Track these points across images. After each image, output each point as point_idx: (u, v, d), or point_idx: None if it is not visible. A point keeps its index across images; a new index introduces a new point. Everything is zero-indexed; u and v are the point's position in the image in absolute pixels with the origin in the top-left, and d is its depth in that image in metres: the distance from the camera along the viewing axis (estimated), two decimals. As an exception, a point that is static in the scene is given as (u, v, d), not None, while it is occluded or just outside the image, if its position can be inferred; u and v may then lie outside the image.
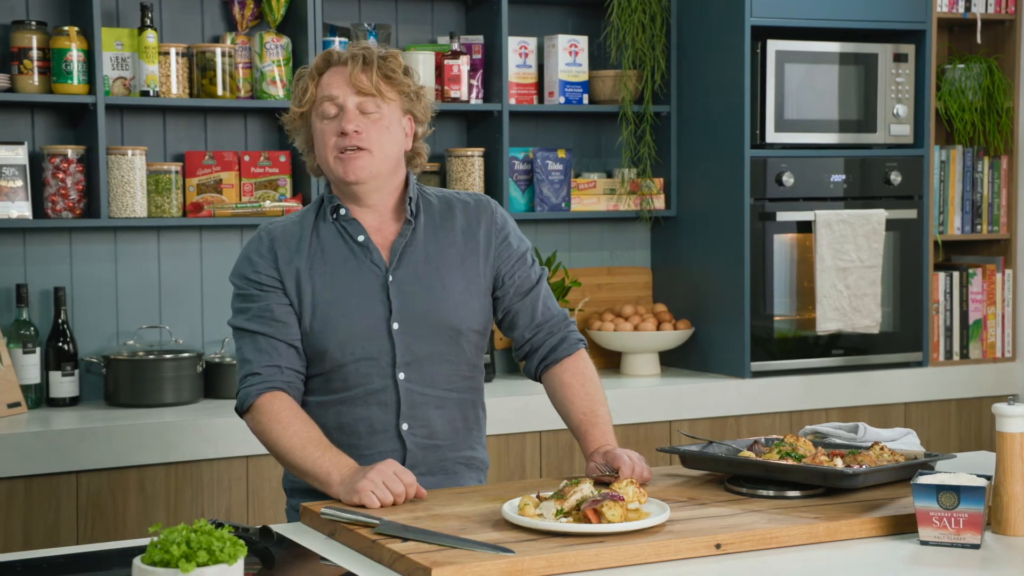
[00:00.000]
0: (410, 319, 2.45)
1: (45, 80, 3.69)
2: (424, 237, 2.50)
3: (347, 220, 2.49)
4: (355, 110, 2.44)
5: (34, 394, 3.69)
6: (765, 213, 4.19)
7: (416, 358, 2.46)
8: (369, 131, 2.44)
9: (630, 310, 4.35)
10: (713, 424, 4.08)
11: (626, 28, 4.27)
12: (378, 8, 4.20)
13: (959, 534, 2.05)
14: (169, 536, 1.64)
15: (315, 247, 2.48)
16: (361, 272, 2.46)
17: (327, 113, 2.45)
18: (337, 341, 2.44)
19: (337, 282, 2.46)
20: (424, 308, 2.46)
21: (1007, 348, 4.61)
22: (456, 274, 2.50)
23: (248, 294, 2.48)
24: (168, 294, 3.95)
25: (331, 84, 2.45)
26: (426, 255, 2.49)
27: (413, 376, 2.46)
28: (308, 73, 2.48)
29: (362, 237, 2.48)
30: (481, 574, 1.89)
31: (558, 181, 4.25)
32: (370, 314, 2.45)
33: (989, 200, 4.61)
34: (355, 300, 2.45)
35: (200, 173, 3.90)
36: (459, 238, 2.52)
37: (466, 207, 2.56)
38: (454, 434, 2.51)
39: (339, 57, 2.46)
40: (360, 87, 2.43)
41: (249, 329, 2.46)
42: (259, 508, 3.52)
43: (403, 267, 2.48)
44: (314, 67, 2.48)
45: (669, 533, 2.05)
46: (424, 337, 2.46)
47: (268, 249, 2.49)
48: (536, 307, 2.57)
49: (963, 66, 4.53)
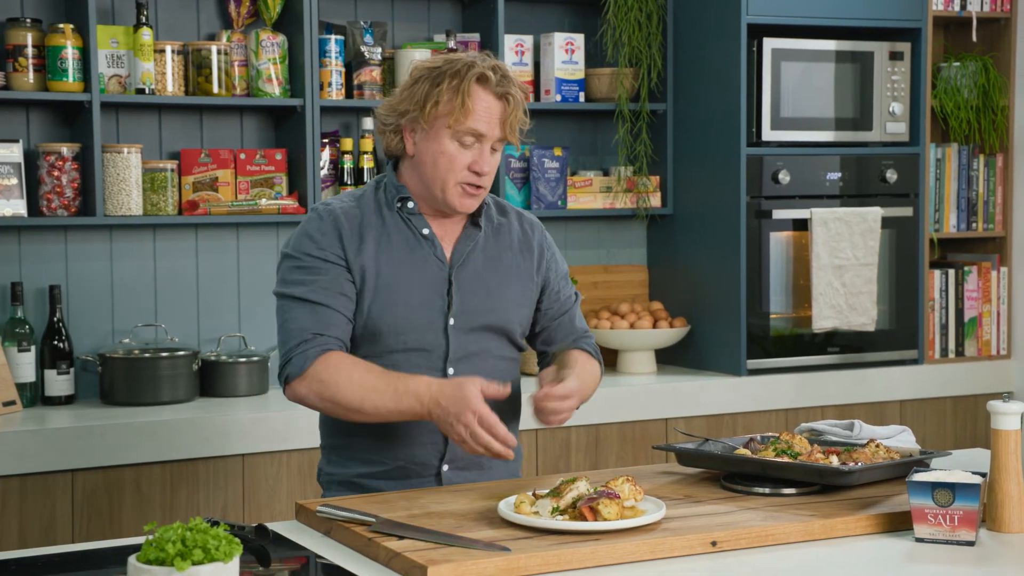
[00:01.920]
0: (466, 317, 2.48)
1: (40, 78, 3.68)
2: (484, 240, 2.55)
3: (412, 213, 2.50)
4: (490, 149, 2.45)
5: (29, 392, 3.68)
6: (761, 211, 4.19)
7: (467, 354, 2.49)
8: (493, 170, 2.47)
9: (626, 308, 4.35)
10: (709, 422, 4.09)
11: (622, 26, 4.27)
12: (374, 6, 4.20)
13: (954, 531, 2.05)
14: (165, 534, 1.64)
15: (380, 230, 2.48)
16: (426, 263, 2.48)
17: (465, 141, 2.43)
18: (393, 326, 2.45)
19: (402, 268, 2.47)
20: (481, 308, 2.50)
21: (1002, 346, 4.61)
22: (512, 278, 2.55)
23: (310, 266, 2.43)
24: (164, 292, 3.95)
25: (483, 117, 2.41)
26: (485, 257, 2.53)
27: (462, 371, 2.48)
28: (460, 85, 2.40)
29: (427, 230, 2.50)
30: (477, 572, 1.89)
31: (554, 179, 4.25)
32: (430, 307, 2.47)
33: (985, 198, 4.61)
34: (417, 290, 2.46)
35: (196, 171, 3.90)
36: (516, 244, 2.58)
37: (520, 216, 2.63)
38: None
39: (495, 85, 2.42)
40: (505, 134, 2.44)
41: (311, 300, 2.41)
42: (255, 506, 3.52)
43: (466, 266, 2.51)
44: (468, 82, 2.40)
45: (665, 531, 2.05)
46: (477, 335, 2.50)
47: (332, 227, 2.46)
48: (573, 323, 2.66)
49: (959, 64, 4.53)
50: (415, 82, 2.45)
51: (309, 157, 3.89)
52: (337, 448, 2.55)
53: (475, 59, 2.44)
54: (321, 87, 3.93)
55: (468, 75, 2.40)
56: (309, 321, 2.41)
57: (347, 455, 2.53)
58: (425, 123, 2.42)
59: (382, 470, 2.49)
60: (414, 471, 2.48)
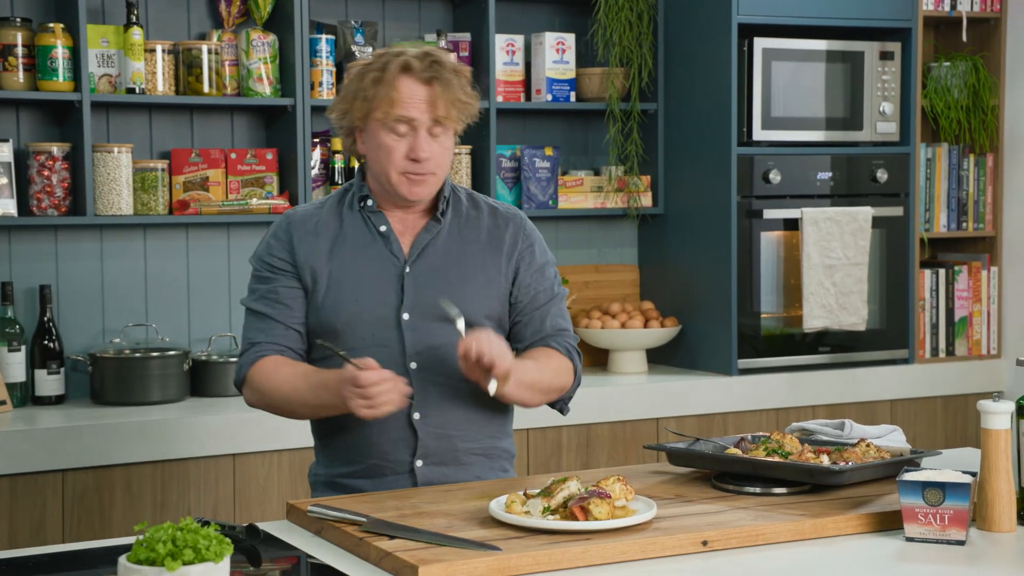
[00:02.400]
0: (421, 310, 2.47)
1: (30, 77, 3.67)
2: (448, 234, 2.53)
3: (372, 211, 2.52)
4: (426, 134, 2.43)
5: (19, 392, 3.67)
6: (752, 210, 4.19)
7: (428, 347, 2.47)
8: (435, 154, 2.44)
9: (617, 307, 4.35)
10: (700, 421, 4.09)
11: (613, 26, 4.27)
12: (365, 5, 4.19)
13: (944, 530, 2.05)
14: (155, 534, 1.64)
15: (336, 231, 2.51)
16: (379, 260, 2.49)
17: (398, 130, 2.42)
18: (348, 323, 2.46)
19: (354, 266, 2.48)
20: (437, 299, 2.46)
21: (992, 345, 4.62)
22: (476, 270, 2.51)
23: (261, 275, 2.53)
24: (154, 292, 3.94)
25: (409, 103, 2.40)
26: (447, 250, 2.52)
27: (426, 365, 2.47)
28: (381, 77, 2.41)
29: (384, 227, 2.51)
30: (468, 572, 1.89)
31: (545, 179, 4.25)
32: (382, 302, 2.47)
33: (975, 198, 4.62)
34: (368, 286, 2.47)
35: (186, 171, 3.89)
36: (483, 236, 2.54)
37: (495, 211, 2.59)
38: (469, 425, 2.51)
39: (418, 70, 2.41)
40: (438, 115, 2.41)
41: (255, 309, 2.51)
42: (246, 506, 3.52)
43: (422, 260, 2.50)
44: (391, 75, 2.41)
45: (656, 530, 2.05)
46: (436, 329, 2.47)
47: (284, 231, 2.52)
48: (545, 320, 2.56)
49: (949, 64, 4.54)
50: (349, 81, 2.48)
51: (300, 157, 3.88)
52: (321, 449, 2.58)
53: (403, 50, 2.45)
54: (312, 87, 3.93)
55: (390, 66, 2.41)
56: (251, 331, 2.52)
57: (330, 455, 2.55)
58: (360, 120, 2.45)
59: (359, 469, 2.50)
60: (388, 468, 2.48)
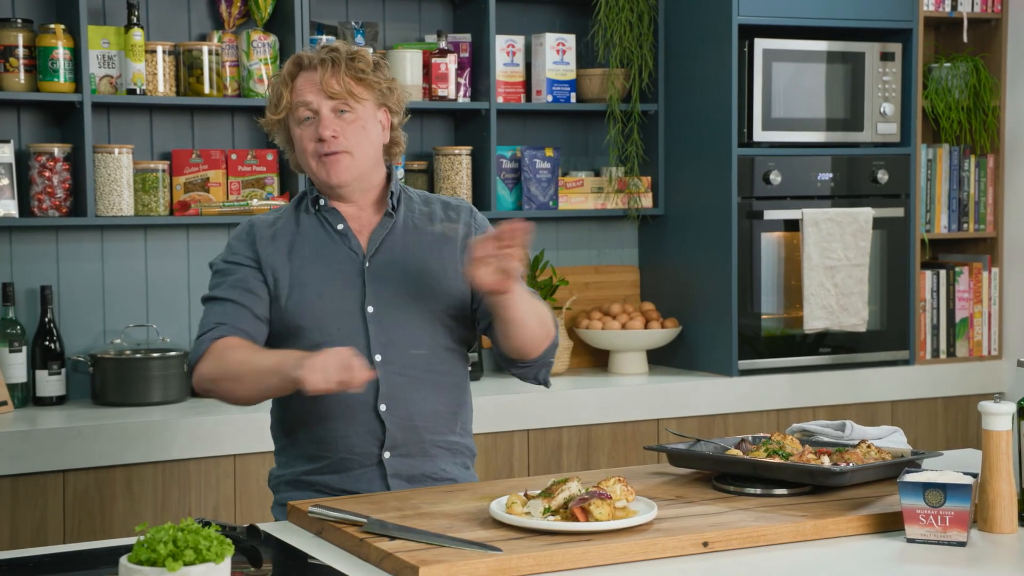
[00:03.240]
0: (384, 302, 2.50)
1: (31, 78, 3.68)
2: (403, 228, 2.57)
3: (328, 210, 2.56)
4: (330, 114, 2.49)
5: (20, 393, 3.68)
6: (752, 211, 4.19)
7: (392, 340, 2.49)
8: (346, 133, 2.50)
9: (618, 308, 4.35)
10: (701, 422, 4.09)
11: (613, 26, 4.27)
12: (365, 6, 4.19)
13: (945, 532, 2.05)
14: (156, 535, 1.64)
15: (295, 233, 2.55)
16: (338, 257, 2.53)
17: (302, 118, 2.50)
18: (313, 319, 2.49)
19: (314, 265, 2.52)
20: (398, 291, 2.51)
21: (993, 346, 4.62)
22: (433, 260, 2.55)
23: (223, 270, 2.55)
24: (155, 293, 3.94)
25: (304, 90, 2.49)
26: (404, 243, 2.55)
27: (391, 357, 2.49)
28: (280, 79, 2.52)
29: (341, 225, 2.55)
30: (469, 572, 1.89)
31: (546, 179, 4.25)
32: (345, 297, 2.50)
33: (976, 198, 4.62)
34: (331, 283, 2.51)
35: (187, 172, 3.90)
36: (438, 229, 2.59)
37: (446, 204, 2.64)
38: (435, 417, 2.53)
39: (309, 61, 2.51)
40: (332, 92, 2.48)
41: (219, 296, 2.51)
42: (246, 507, 3.52)
43: (380, 254, 2.54)
44: (286, 72, 2.52)
45: (656, 531, 2.05)
46: (400, 320, 2.50)
47: (247, 234, 2.57)
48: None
49: (950, 65, 4.54)
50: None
51: (301, 157, 3.88)
52: (283, 449, 2.59)
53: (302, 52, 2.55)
54: (313, 87, 3.92)
55: (285, 66, 2.53)
56: (212, 315, 2.51)
57: (292, 454, 2.56)
58: (277, 125, 2.55)
59: (325, 464, 2.51)
60: (356, 461, 2.49)
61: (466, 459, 2.61)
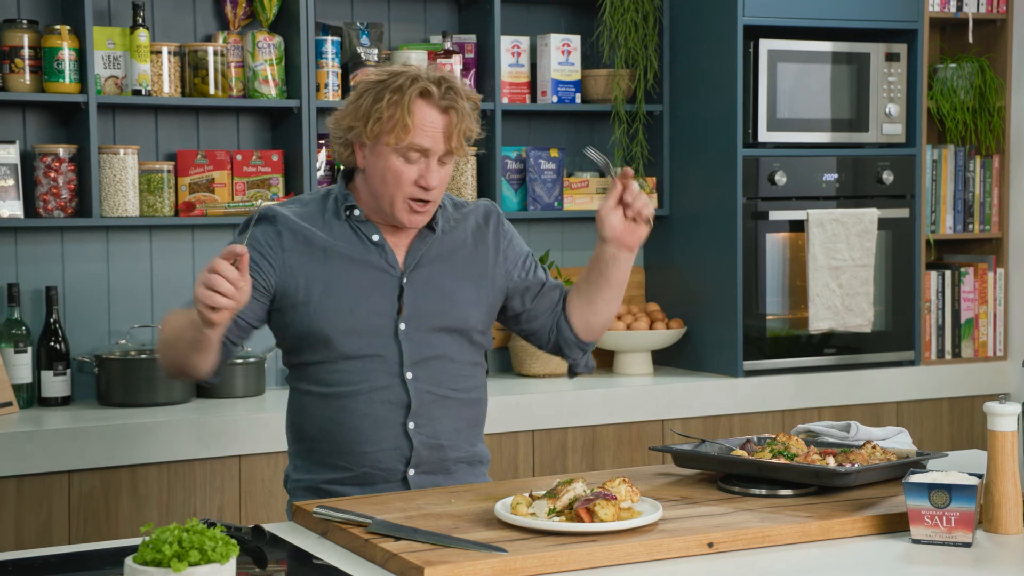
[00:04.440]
0: (418, 320, 2.46)
1: (37, 79, 3.68)
2: (438, 242, 2.52)
3: (361, 221, 2.49)
4: (436, 163, 2.41)
5: (26, 394, 3.68)
6: (758, 212, 4.19)
7: (424, 358, 2.47)
8: (441, 183, 2.43)
9: (623, 309, 4.35)
10: (706, 423, 4.09)
11: (619, 27, 4.27)
12: (371, 7, 4.19)
13: (951, 532, 2.05)
14: (161, 535, 1.64)
15: (327, 240, 2.47)
16: (374, 270, 2.47)
17: (409, 157, 2.39)
18: (343, 332, 2.43)
19: (349, 275, 2.45)
20: (434, 310, 2.47)
21: (999, 347, 4.62)
22: (466, 275, 2.52)
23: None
24: (160, 293, 3.95)
25: (424, 132, 2.37)
26: (439, 258, 2.51)
27: (421, 375, 2.47)
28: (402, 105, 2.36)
29: (377, 237, 2.48)
30: (474, 573, 1.89)
31: (551, 180, 4.25)
32: (379, 312, 2.45)
33: (981, 199, 4.61)
34: (365, 297, 2.45)
35: (192, 172, 3.90)
36: (470, 239, 2.55)
37: (475, 210, 2.60)
38: (456, 434, 2.52)
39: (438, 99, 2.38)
40: (451, 147, 2.40)
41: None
42: (251, 508, 3.52)
43: (418, 270, 2.48)
44: (409, 100, 2.36)
45: (661, 532, 2.05)
46: (432, 338, 2.47)
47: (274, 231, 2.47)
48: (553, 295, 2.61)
49: (955, 65, 4.54)
50: (359, 96, 2.41)
51: (305, 158, 3.89)
52: (302, 453, 2.54)
53: (419, 72, 2.39)
54: (317, 88, 3.93)
55: (409, 90, 2.36)
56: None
57: (312, 460, 2.51)
58: (369, 139, 2.40)
59: (348, 476, 2.48)
60: (380, 476, 2.47)
61: (482, 467, 2.59)
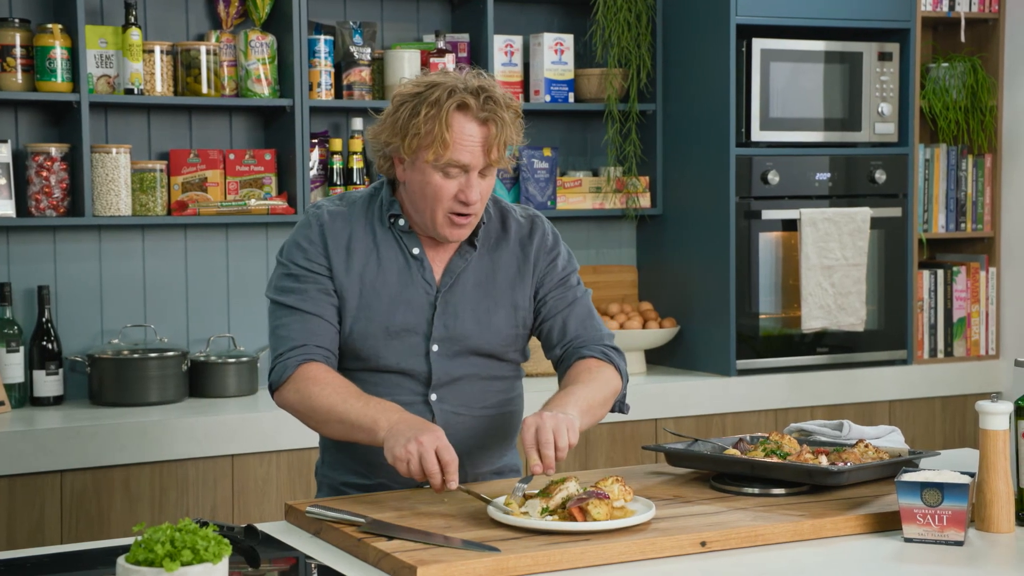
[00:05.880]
0: (449, 342, 2.42)
1: (29, 78, 3.67)
2: (479, 260, 2.46)
3: (404, 231, 2.43)
4: (477, 177, 2.35)
5: (18, 393, 3.67)
6: (750, 211, 4.19)
7: (452, 379, 2.43)
8: (483, 196, 2.37)
9: (616, 308, 4.35)
10: (699, 422, 4.09)
11: (612, 26, 4.27)
12: (364, 6, 4.19)
13: (943, 531, 2.05)
14: (153, 535, 1.64)
15: (370, 248, 2.42)
16: (412, 285, 2.42)
17: (450, 172, 2.33)
18: (374, 348, 2.40)
19: (386, 288, 2.41)
20: (466, 332, 2.43)
21: (991, 346, 4.62)
22: (504, 297, 2.46)
23: (298, 275, 2.40)
24: (153, 293, 3.94)
25: (464, 147, 2.31)
26: (477, 277, 2.45)
27: (447, 396, 2.43)
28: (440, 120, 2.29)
29: (417, 250, 2.43)
30: (467, 572, 1.89)
31: (544, 179, 4.26)
32: (411, 331, 2.41)
33: (973, 198, 4.62)
34: (399, 313, 2.40)
35: (185, 171, 3.89)
36: (511, 259, 2.48)
37: (520, 226, 2.51)
38: (480, 451, 2.49)
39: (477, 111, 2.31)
40: (492, 160, 2.35)
41: (298, 308, 2.38)
42: (244, 507, 3.52)
43: (454, 289, 2.43)
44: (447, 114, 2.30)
45: (654, 531, 2.05)
46: (463, 360, 2.44)
47: (319, 238, 2.41)
48: (568, 324, 2.50)
49: (947, 65, 4.54)
50: (396, 110, 2.35)
51: (298, 157, 3.88)
52: (332, 451, 2.52)
53: (456, 83, 2.32)
54: (310, 87, 3.93)
55: (447, 104, 2.29)
56: (295, 331, 2.38)
57: (339, 460, 2.51)
58: (407, 154, 2.34)
59: (367, 484, 2.46)
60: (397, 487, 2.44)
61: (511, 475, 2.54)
